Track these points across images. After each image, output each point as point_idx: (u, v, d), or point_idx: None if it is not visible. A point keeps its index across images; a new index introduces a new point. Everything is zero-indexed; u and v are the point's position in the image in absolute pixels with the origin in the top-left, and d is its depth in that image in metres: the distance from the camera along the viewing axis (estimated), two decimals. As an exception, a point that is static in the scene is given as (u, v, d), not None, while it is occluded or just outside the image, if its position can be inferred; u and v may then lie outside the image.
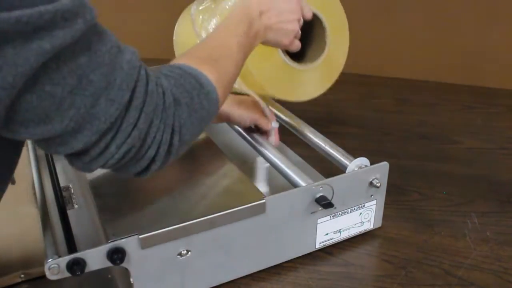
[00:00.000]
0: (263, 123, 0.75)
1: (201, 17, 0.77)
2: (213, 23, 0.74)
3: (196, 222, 0.58)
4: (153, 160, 0.48)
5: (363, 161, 0.70)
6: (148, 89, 0.45)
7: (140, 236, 0.55)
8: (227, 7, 0.72)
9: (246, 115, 0.75)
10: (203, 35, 0.75)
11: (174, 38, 0.93)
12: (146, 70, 0.46)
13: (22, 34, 0.35)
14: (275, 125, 0.74)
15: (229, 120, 0.76)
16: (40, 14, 0.35)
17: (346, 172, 0.70)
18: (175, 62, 0.52)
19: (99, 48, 0.41)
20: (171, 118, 0.47)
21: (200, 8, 0.80)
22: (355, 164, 0.70)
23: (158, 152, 0.47)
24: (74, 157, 0.45)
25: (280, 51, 0.69)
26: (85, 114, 0.41)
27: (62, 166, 0.79)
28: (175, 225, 0.56)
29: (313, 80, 0.74)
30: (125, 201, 0.62)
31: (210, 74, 0.51)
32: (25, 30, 0.35)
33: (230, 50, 0.56)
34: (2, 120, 0.38)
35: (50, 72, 0.38)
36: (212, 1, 0.78)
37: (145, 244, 0.55)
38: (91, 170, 0.46)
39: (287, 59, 0.69)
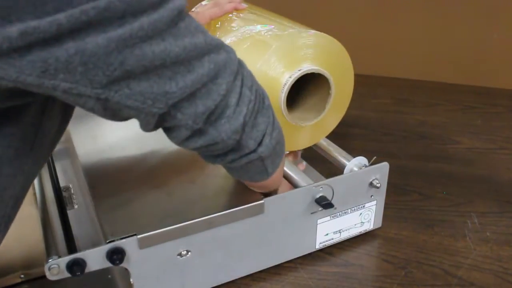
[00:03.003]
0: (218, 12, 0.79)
1: (218, 34, 0.78)
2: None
3: (195, 222, 0.57)
4: (268, 109, 0.53)
5: (361, 160, 0.70)
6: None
7: (139, 236, 0.54)
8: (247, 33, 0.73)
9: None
10: None
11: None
12: None
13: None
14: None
15: None
16: None
17: (345, 171, 0.70)
18: None
19: (192, 21, 0.44)
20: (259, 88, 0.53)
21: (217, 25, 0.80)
22: (354, 164, 0.70)
23: (264, 105, 0.52)
24: (219, 118, 0.47)
25: (281, 100, 0.68)
26: (217, 60, 0.44)
27: (62, 166, 0.79)
28: (174, 225, 0.56)
29: (299, 135, 0.73)
30: (124, 201, 0.62)
31: None
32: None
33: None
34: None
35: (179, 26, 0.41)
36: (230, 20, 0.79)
37: (144, 244, 0.55)
38: (236, 126, 0.48)
39: (284, 111, 0.68)
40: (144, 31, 0.38)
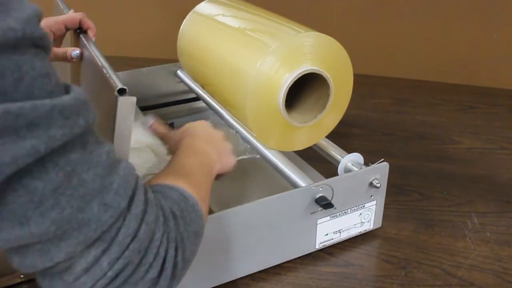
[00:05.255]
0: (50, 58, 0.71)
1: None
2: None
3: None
4: (155, 284, 0.40)
5: (356, 157, 0.71)
6: (148, 198, 0.41)
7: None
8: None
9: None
10: None
11: (178, 42, 0.93)
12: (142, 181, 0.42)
13: (12, 129, 0.31)
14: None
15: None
16: (34, 107, 0.31)
17: (339, 167, 0.71)
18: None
19: (95, 149, 0.36)
20: (172, 231, 0.42)
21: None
22: (348, 159, 0.71)
23: (162, 273, 0.40)
24: (55, 277, 0.37)
25: (280, 101, 0.68)
26: (71, 218, 0.35)
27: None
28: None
29: (298, 135, 0.73)
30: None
31: (186, 187, 0.47)
32: (16, 125, 0.31)
33: (195, 168, 0.54)
34: None
35: (30, 165, 0.32)
36: None
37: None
38: None
39: (283, 111, 0.68)
40: None
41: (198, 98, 0.96)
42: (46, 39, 0.35)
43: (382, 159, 0.69)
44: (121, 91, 0.47)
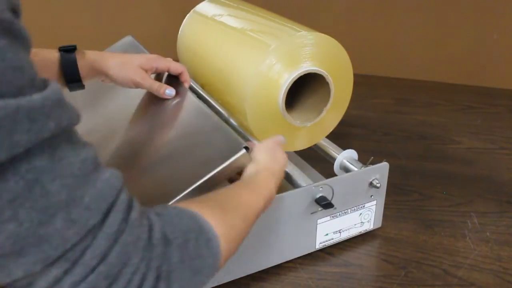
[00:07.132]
0: (145, 86, 0.72)
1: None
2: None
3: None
4: None
5: (350, 153, 0.72)
6: (129, 217, 0.36)
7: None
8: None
9: (128, 78, 0.70)
10: None
11: (178, 42, 0.93)
12: (132, 198, 0.38)
13: None
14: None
15: (111, 81, 0.72)
16: None
17: (335, 163, 0.72)
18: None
19: (67, 156, 0.32)
20: (157, 259, 0.36)
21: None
22: (344, 156, 0.72)
23: None
24: None
25: (280, 101, 0.68)
26: (30, 233, 0.31)
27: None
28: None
29: (298, 135, 0.73)
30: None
31: (213, 220, 0.42)
32: None
33: (243, 204, 0.49)
34: None
35: None
36: None
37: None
38: None
39: (283, 111, 0.68)
40: None
41: (198, 98, 0.96)
42: (19, 26, 0.31)
43: (371, 157, 0.69)
44: (247, 148, 0.57)
